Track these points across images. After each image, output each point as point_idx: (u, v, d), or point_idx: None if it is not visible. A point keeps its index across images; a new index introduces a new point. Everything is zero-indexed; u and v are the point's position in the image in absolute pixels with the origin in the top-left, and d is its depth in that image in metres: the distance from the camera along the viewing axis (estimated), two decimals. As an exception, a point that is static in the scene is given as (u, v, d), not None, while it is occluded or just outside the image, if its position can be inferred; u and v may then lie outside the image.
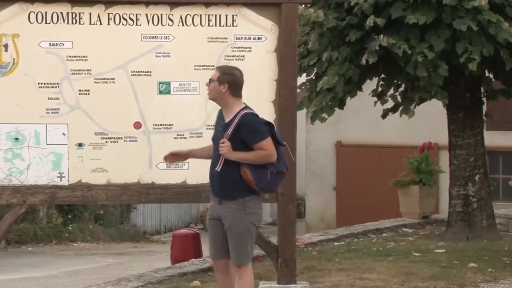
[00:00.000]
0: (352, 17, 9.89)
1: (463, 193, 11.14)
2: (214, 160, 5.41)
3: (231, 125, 5.34)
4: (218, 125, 5.50)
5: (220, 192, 5.42)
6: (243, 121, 5.33)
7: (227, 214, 5.40)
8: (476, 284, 7.81)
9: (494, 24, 9.20)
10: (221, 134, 5.37)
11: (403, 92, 11.26)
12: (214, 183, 5.45)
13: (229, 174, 5.34)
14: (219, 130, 5.44)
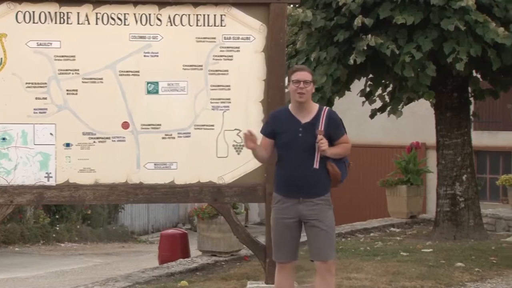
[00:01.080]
0: (340, 17, 9.91)
1: (450, 193, 11.18)
2: (301, 160, 5.39)
3: (318, 122, 5.41)
4: (292, 126, 5.43)
5: (309, 191, 5.43)
6: (331, 117, 5.49)
7: (315, 211, 5.46)
8: (463, 284, 7.84)
9: (481, 24, 9.24)
10: (305, 134, 5.38)
11: (391, 92, 11.30)
12: (304, 183, 5.41)
13: (321, 171, 5.44)
14: (299, 130, 5.42)
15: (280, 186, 5.51)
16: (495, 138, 20.26)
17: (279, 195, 5.51)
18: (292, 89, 5.44)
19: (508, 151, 19.51)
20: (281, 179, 5.51)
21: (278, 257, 5.62)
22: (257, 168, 6.43)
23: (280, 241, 5.56)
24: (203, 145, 6.35)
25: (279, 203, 5.51)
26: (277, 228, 5.55)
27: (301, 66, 5.93)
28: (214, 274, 8.51)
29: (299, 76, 5.41)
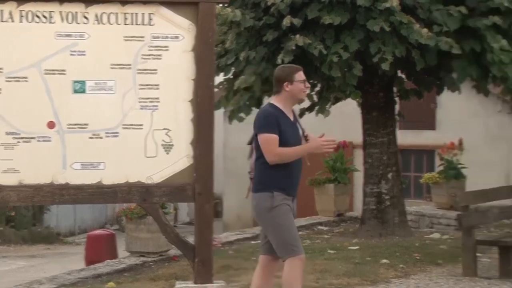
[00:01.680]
0: (269, 17, 9.97)
1: (376, 191, 11.37)
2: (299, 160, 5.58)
3: (298, 121, 5.70)
4: (289, 125, 5.61)
5: (297, 188, 5.64)
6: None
7: (295, 208, 5.71)
8: (388, 280, 7.99)
9: (405, 25, 9.43)
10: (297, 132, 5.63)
11: (318, 92, 11.42)
12: (298, 180, 5.63)
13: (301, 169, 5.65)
14: (293, 128, 5.63)
15: (282, 186, 5.55)
16: (419, 137, 20.71)
17: (282, 194, 5.54)
18: (298, 88, 5.62)
19: (431, 150, 19.96)
20: (285, 179, 5.55)
21: (301, 249, 5.65)
22: (186, 168, 6.41)
23: (296, 232, 5.66)
24: (131, 145, 6.28)
25: (284, 200, 5.55)
26: (291, 220, 5.59)
27: (297, 65, 5.96)
28: (142, 275, 8.46)
29: (303, 76, 5.66)
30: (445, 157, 14.04)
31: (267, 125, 5.56)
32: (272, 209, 5.53)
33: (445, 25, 9.51)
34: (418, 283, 7.90)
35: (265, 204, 5.56)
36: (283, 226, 5.53)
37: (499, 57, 9.53)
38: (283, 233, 5.54)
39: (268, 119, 5.59)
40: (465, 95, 14.16)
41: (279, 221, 5.54)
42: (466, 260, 8.25)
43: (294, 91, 5.60)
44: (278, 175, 5.53)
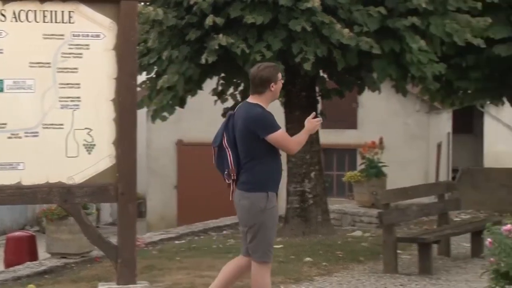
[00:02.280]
0: (192, 16, 9.94)
1: (299, 190, 11.47)
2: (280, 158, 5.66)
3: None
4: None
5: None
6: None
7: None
8: (311, 278, 8.07)
9: (327, 25, 9.54)
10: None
11: (242, 91, 11.45)
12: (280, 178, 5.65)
13: None
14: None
15: (274, 184, 5.57)
16: (341, 136, 20.99)
17: (273, 193, 5.56)
18: (279, 87, 5.71)
19: (353, 149, 20.25)
20: (275, 176, 5.58)
21: (272, 256, 5.65)
22: (109, 168, 6.33)
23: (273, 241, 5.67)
24: (52, 145, 6.17)
25: (275, 201, 5.56)
26: (274, 227, 5.59)
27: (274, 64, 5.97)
28: (63, 277, 8.32)
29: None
30: (366, 156, 14.28)
31: (273, 123, 5.63)
32: (266, 210, 5.51)
33: (365, 26, 9.66)
34: (340, 281, 8.00)
35: (259, 204, 5.51)
36: (270, 230, 5.54)
37: (418, 57, 9.74)
38: (268, 236, 5.55)
39: (270, 118, 5.65)
40: (385, 94, 14.46)
41: (268, 224, 5.53)
42: (387, 257, 8.41)
43: (277, 91, 5.68)
44: (271, 174, 5.56)
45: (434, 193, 10.00)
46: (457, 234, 9.25)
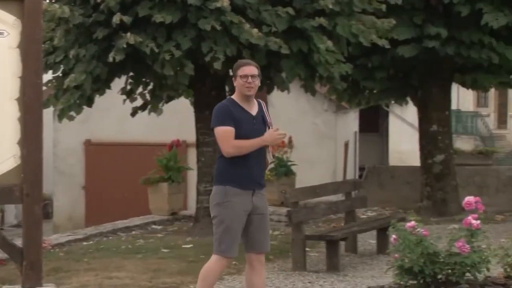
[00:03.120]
0: (99, 14, 9.81)
1: (210, 189, 11.33)
2: (258, 152, 5.49)
3: (264, 114, 5.63)
4: (246, 119, 5.51)
5: (261, 182, 5.59)
6: (267, 110, 5.71)
7: (263, 202, 5.63)
8: (221, 277, 8.08)
9: (236, 25, 9.58)
10: (258, 127, 5.52)
11: (151, 90, 11.37)
12: (259, 174, 5.56)
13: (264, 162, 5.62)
14: (253, 122, 5.54)
15: (236, 178, 5.48)
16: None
17: (235, 188, 5.46)
18: (239, 83, 5.53)
19: (264, 148, 20.32)
20: (238, 172, 5.48)
21: (233, 252, 5.59)
22: (13, 169, 6.18)
23: (236, 235, 5.54)
24: (-47, 145, 5.98)
25: (237, 196, 5.46)
26: (237, 221, 5.49)
27: (247, 60, 5.87)
28: (-34, 281, 8.07)
29: (246, 71, 5.54)
30: (275, 154, 14.39)
31: (219, 118, 5.54)
32: (222, 204, 5.50)
33: (273, 26, 9.75)
34: (250, 279, 8.04)
35: (216, 198, 5.54)
36: (224, 225, 5.51)
37: (325, 57, 9.90)
38: (222, 231, 5.53)
39: (221, 112, 5.55)
40: (294, 94, 14.61)
41: (222, 218, 5.52)
42: (295, 255, 8.50)
43: (238, 86, 5.60)
44: (234, 168, 5.50)
45: (341, 191, 10.17)
46: (363, 231, 9.44)
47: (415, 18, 11.88)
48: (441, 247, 6.24)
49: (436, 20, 11.92)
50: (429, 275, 6.13)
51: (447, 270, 6.17)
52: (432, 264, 6.12)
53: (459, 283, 6.14)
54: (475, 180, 14.07)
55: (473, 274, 6.17)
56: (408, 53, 11.81)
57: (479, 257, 6.11)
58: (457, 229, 6.46)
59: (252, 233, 5.62)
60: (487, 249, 6.27)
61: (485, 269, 6.19)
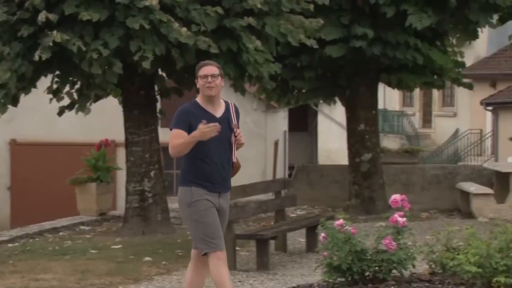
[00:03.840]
0: (24, 12, 9.62)
1: (139, 189, 11.39)
2: (221, 154, 5.47)
3: (231, 116, 5.56)
4: (207, 121, 5.40)
5: (226, 184, 5.56)
6: (237, 111, 5.66)
7: (227, 204, 5.61)
8: (151, 277, 8.04)
9: (165, 24, 9.53)
10: (224, 128, 5.43)
11: (79, 89, 11.22)
12: (224, 177, 5.53)
13: (231, 165, 5.57)
14: (224, 123, 5.47)
15: (201, 181, 5.43)
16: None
17: (201, 190, 5.42)
18: (200, 84, 5.50)
19: (193, 147, 20.29)
20: (203, 174, 5.43)
21: (221, 245, 5.48)
22: None
23: (218, 228, 5.46)
24: None
25: (204, 195, 5.42)
26: (211, 216, 5.44)
27: (208, 61, 5.79)
28: None
29: (206, 71, 5.51)
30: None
31: (175, 120, 5.52)
32: (191, 205, 5.45)
33: (203, 25, 9.73)
34: (180, 279, 8.00)
35: (184, 198, 5.50)
36: (201, 223, 5.46)
37: (254, 57, 9.94)
38: (201, 230, 5.47)
39: (177, 115, 5.53)
40: (223, 93, 14.54)
41: (196, 218, 5.47)
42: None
43: (200, 87, 5.55)
44: (196, 170, 5.48)
45: (271, 190, 10.21)
46: (293, 230, 9.50)
47: (342, 18, 12.03)
48: (368, 245, 6.34)
49: (362, 20, 12.08)
50: (356, 273, 6.22)
51: (374, 267, 6.27)
52: (360, 261, 6.22)
53: (386, 280, 6.25)
54: (401, 178, 14.30)
55: (399, 271, 6.29)
56: (336, 53, 11.95)
57: (405, 254, 6.23)
58: (384, 226, 6.57)
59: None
60: (412, 246, 6.41)
61: (411, 266, 6.31)
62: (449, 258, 6.28)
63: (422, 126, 32.37)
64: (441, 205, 13.85)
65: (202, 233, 5.47)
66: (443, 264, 6.37)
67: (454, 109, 30.27)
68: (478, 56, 27.82)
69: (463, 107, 28.94)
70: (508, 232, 6.11)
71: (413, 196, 12.94)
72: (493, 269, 5.86)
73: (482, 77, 26.16)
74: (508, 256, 5.90)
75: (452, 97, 30.53)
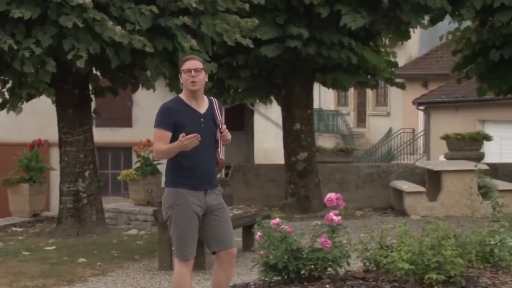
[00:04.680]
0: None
1: (73, 189, 11.25)
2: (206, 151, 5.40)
3: (215, 112, 5.49)
4: (192, 118, 5.38)
5: (212, 181, 5.49)
6: (221, 107, 5.59)
7: (218, 201, 5.51)
8: (85, 279, 7.96)
9: (99, 22, 9.42)
10: (206, 125, 5.40)
11: (10, 89, 11.01)
12: (210, 174, 5.46)
13: (216, 161, 5.50)
14: (201, 121, 5.40)
15: (187, 180, 5.35)
16: (116, 134, 20.84)
17: (185, 189, 5.33)
18: (184, 78, 5.42)
19: (128, 147, 20.18)
20: (189, 173, 5.35)
21: (190, 253, 5.42)
22: None
23: (192, 236, 5.43)
24: None
25: (188, 197, 5.33)
26: (189, 222, 5.39)
27: (191, 55, 5.76)
28: None
29: (189, 65, 5.42)
30: (141, 153, 14.28)
31: (158, 118, 5.44)
32: (174, 206, 5.41)
33: (137, 24, 9.66)
34: (115, 280, 7.95)
35: (168, 199, 5.45)
36: (179, 226, 5.42)
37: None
38: (177, 234, 5.44)
39: (160, 113, 5.43)
40: (160, 93, 14.51)
41: (176, 221, 5.43)
42: (162, 254, 8.47)
43: (183, 82, 5.45)
44: (180, 168, 5.41)
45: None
46: (229, 229, 9.50)
47: (277, 18, 12.09)
48: (304, 243, 6.39)
49: (297, 20, 12.17)
50: (292, 271, 6.26)
51: (310, 266, 6.32)
52: (296, 260, 6.26)
53: (321, 278, 6.30)
54: (336, 177, 14.45)
55: (334, 269, 6.36)
56: (271, 52, 12.00)
57: (340, 252, 6.30)
58: (319, 225, 6.63)
59: (215, 232, 5.54)
60: (347, 244, 6.48)
61: (345, 264, 6.38)
62: (382, 255, 6.37)
63: (357, 126, 32.77)
64: (375, 203, 14.06)
65: (177, 236, 5.47)
66: (377, 262, 6.46)
67: (388, 108, 30.74)
68: (410, 57, 28.32)
69: (396, 107, 29.42)
70: (439, 230, 6.23)
71: (348, 194, 13.12)
72: (425, 266, 5.97)
73: (414, 77, 26.64)
74: (439, 253, 6.01)
75: (385, 97, 31.00)
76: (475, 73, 13.56)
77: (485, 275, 6.38)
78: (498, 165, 14.97)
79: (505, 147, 20.82)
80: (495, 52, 12.38)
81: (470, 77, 13.86)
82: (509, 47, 12.31)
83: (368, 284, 6.28)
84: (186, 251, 5.46)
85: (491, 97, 16.32)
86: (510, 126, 19.08)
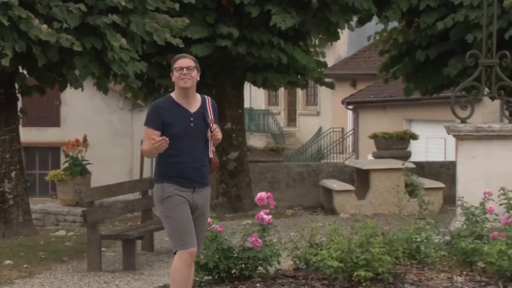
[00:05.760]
0: None
1: (-2, 190, 11.03)
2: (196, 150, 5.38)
3: (206, 111, 5.46)
4: (182, 116, 5.36)
5: (202, 180, 5.45)
6: (214, 105, 5.56)
7: (205, 200, 5.50)
8: (12, 281, 7.81)
9: (25, 20, 9.25)
10: (196, 124, 5.38)
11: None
12: (199, 173, 5.41)
13: (207, 160, 5.46)
14: (190, 120, 5.37)
15: (173, 177, 5.35)
16: (43, 134, 20.50)
17: (173, 186, 5.27)
18: (176, 76, 5.40)
19: (57, 147, 19.88)
20: (175, 170, 5.35)
21: (189, 242, 5.30)
22: None
23: (187, 224, 5.34)
24: None
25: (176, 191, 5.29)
26: (182, 212, 5.33)
27: (183, 54, 5.68)
28: None
29: (181, 63, 5.43)
30: (70, 153, 14.09)
31: (148, 117, 5.43)
32: (163, 201, 5.37)
33: (65, 22, 9.51)
34: (42, 282, 7.82)
35: (157, 195, 5.43)
36: (172, 218, 5.34)
37: (119, 55, 9.80)
38: (172, 226, 5.35)
39: (149, 111, 5.44)
40: (89, 92, 14.35)
41: (167, 214, 5.36)
42: (91, 255, 8.37)
43: (175, 80, 5.41)
44: (168, 165, 5.37)
45: (138, 189, 10.11)
46: (160, 229, 9.40)
47: (207, 17, 12.07)
48: (235, 243, 6.41)
49: (228, 20, 12.18)
50: (223, 270, 6.28)
51: (240, 265, 6.35)
52: (226, 259, 6.28)
53: (252, 277, 6.34)
54: (267, 176, 14.52)
55: (265, 268, 6.40)
56: (202, 52, 11.98)
57: (270, 251, 6.35)
58: (250, 224, 6.66)
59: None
60: (278, 243, 6.53)
61: (276, 262, 6.44)
62: (312, 253, 6.45)
63: (287, 125, 33.02)
64: (305, 202, 14.18)
65: (172, 228, 5.40)
66: (307, 260, 6.54)
67: (317, 108, 31.07)
68: (339, 57, 28.69)
69: (325, 106, 29.76)
70: (368, 228, 6.34)
71: (278, 193, 13.20)
72: (353, 263, 6.06)
73: (343, 77, 27.01)
74: (367, 250, 6.11)
75: (315, 97, 31.32)
76: (402, 73, 13.80)
77: (412, 271, 6.52)
78: (424, 163, 15.29)
79: (431, 146, 21.29)
80: (421, 52, 12.64)
81: (397, 77, 14.10)
82: (434, 48, 12.57)
83: (298, 282, 6.34)
84: (185, 241, 5.36)
85: (418, 97, 16.66)
86: (436, 126, 19.51)
